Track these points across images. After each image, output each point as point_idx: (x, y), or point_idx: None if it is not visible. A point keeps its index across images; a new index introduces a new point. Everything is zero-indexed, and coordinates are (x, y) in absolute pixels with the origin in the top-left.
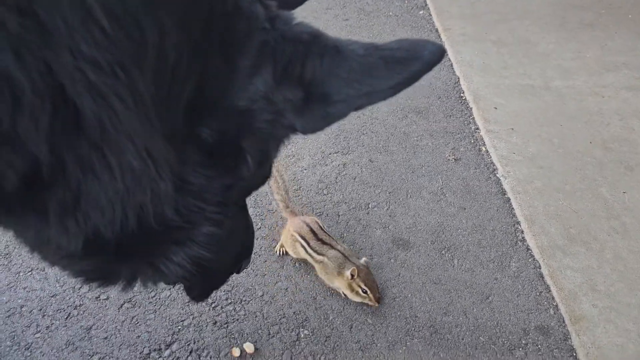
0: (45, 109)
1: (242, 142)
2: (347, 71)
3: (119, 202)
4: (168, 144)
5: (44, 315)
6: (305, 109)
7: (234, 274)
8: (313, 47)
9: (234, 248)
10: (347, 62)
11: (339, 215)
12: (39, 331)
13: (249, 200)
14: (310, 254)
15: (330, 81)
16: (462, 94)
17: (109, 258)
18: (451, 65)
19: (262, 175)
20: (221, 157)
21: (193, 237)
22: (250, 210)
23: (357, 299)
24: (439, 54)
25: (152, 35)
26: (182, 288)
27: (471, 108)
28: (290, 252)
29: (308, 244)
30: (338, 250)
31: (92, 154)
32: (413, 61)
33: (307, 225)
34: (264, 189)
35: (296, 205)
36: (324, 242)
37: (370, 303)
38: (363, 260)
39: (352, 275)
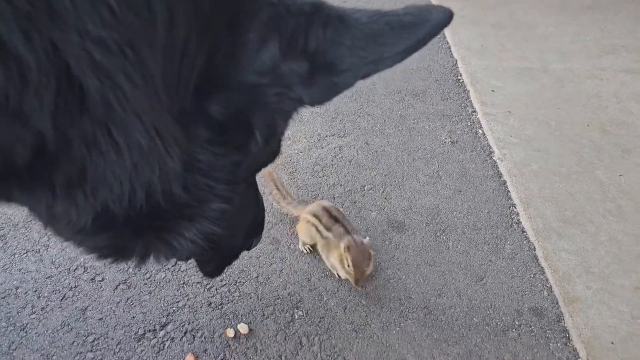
0: (50, 87)
1: (250, 118)
2: (351, 39)
3: (127, 178)
4: (177, 122)
5: (39, 297)
6: (311, 81)
7: (246, 250)
8: (315, 18)
9: (245, 224)
10: (351, 30)
11: (334, 198)
12: (34, 312)
13: None
14: (320, 231)
15: (335, 50)
16: (459, 77)
17: (120, 233)
18: (449, 47)
19: (271, 151)
20: (230, 134)
21: (203, 213)
22: None
23: (343, 275)
24: (447, 17)
25: (161, 13)
26: (176, 270)
27: (468, 91)
28: (306, 239)
29: (320, 220)
30: (345, 228)
31: (97, 132)
32: (420, 25)
33: (321, 205)
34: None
35: (301, 197)
36: (336, 219)
37: (351, 281)
38: (366, 239)
39: (348, 247)
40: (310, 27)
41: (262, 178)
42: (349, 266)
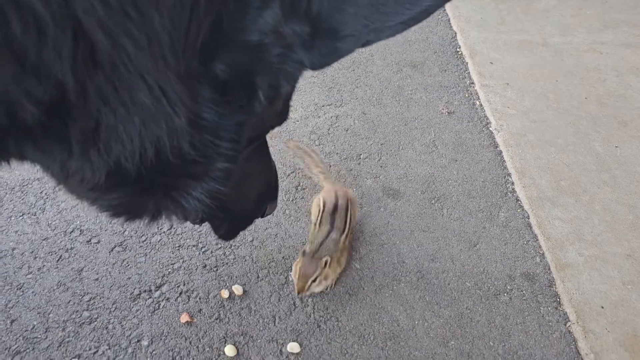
0: (67, 40)
1: (254, 78)
2: (354, 6)
3: (137, 135)
4: (182, 81)
5: (35, 258)
6: (313, 44)
7: (259, 217)
8: None
9: (255, 187)
10: None
11: (330, 166)
12: (31, 272)
13: None
14: (316, 223)
15: (337, 16)
16: (458, 49)
17: (132, 191)
18: (448, 20)
19: (276, 112)
20: (234, 94)
21: (209, 172)
22: None
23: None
24: None
25: None
26: (172, 233)
27: (467, 63)
28: (312, 217)
29: (323, 209)
30: (332, 225)
31: (107, 88)
32: None
33: (336, 196)
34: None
35: (296, 164)
36: (332, 221)
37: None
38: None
39: (303, 252)
40: None
41: (288, 147)
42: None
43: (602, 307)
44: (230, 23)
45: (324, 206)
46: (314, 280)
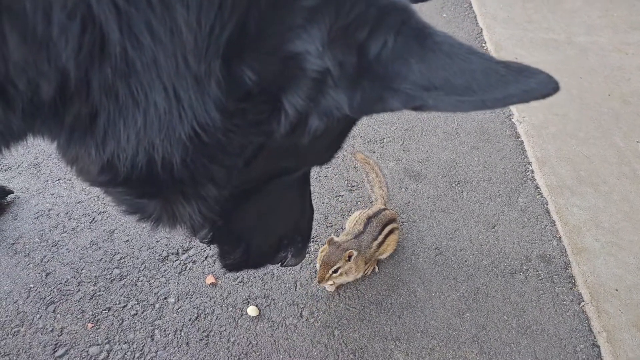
0: (75, 26)
1: (280, 95)
2: (422, 63)
3: (134, 135)
4: (199, 85)
5: (70, 218)
6: (358, 83)
7: (276, 263)
8: (392, 19)
9: (272, 228)
10: (427, 52)
11: (354, 147)
12: (65, 231)
13: None
14: (353, 221)
15: (397, 66)
16: (483, 44)
17: (131, 190)
18: (475, 17)
19: (295, 145)
20: (254, 104)
21: (197, 194)
22: None
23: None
24: (551, 88)
25: None
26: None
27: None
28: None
29: (366, 212)
30: (364, 239)
31: (117, 82)
32: (515, 82)
33: (381, 209)
34: None
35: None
36: (368, 224)
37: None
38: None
39: (329, 241)
40: (381, 26)
41: (355, 159)
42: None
43: (616, 290)
44: (262, 25)
45: (368, 210)
46: (335, 271)
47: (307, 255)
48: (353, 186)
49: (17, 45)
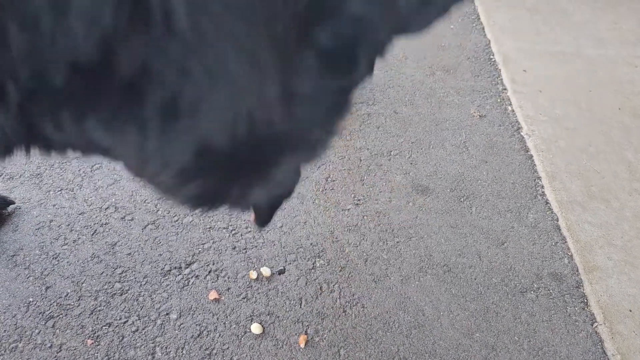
0: (124, 4)
1: (356, 49)
2: None
3: (226, 107)
4: (278, 47)
5: (71, 230)
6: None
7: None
8: None
9: None
10: None
11: (360, 160)
12: (66, 244)
13: None
14: None
15: None
16: (491, 56)
17: (222, 174)
18: (482, 28)
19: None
20: (336, 62)
21: (303, 143)
22: None
23: None
24: None
25: None
26: (204, 215)
27: (500, 69)
28: None
29: None
30: None
31: (188, 58)
32: None
33: None
34: None
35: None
36: None
37: None
38: None
39: None
40: None
41: None
42: None
43: (630, 311)
44: None
45: None
46: None
47: (313, 271)
48: (359, 200)
49: None
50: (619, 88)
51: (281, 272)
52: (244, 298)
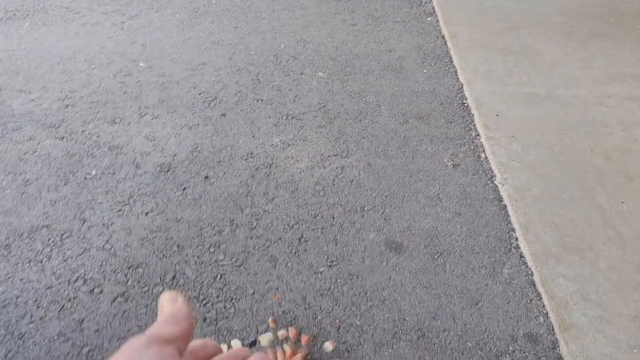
0: None
1: None
2: None
3: None
4: None
5: (38, 307)
6: None
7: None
8: None
9: None
10: None
11: (333, 218)
12: (33, 322)
13: (247, 201)
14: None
15: None
16: (464, 101)
17: None
18: (455, 71)
19: None
20: None
21: None
22: (246, 210)
23: None
24: None
25: None
26: (174, 284)
27: (473, 114)
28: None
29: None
30: None
31: None
32: None
33: None
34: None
35: (300, 216)
36: None
37: None
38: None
39: None
40: None
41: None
42: None
43: None
44: None
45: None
46: None
47: (285, 342)
48: (332, 261)
49: None
50: (591, 129)
51: (252, 344)
52: None
